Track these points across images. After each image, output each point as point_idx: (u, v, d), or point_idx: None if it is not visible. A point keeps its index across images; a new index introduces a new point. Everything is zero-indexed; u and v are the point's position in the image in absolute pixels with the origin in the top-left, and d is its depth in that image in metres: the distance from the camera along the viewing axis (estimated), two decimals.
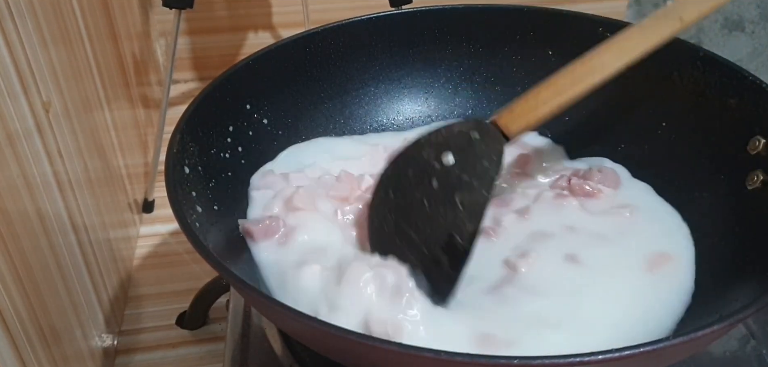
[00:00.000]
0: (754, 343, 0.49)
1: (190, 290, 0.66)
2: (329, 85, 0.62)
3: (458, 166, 0.47)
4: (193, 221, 0.44)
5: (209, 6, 0.99)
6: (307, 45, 0.60)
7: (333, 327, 0.35)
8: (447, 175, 0.47)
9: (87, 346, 0.56)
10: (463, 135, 0.48)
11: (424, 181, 0.47)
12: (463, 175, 0.46)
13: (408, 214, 0.47)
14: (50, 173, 0.51)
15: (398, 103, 0.65)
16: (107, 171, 0.67)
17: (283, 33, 1.03)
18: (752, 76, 0.51)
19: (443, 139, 0.48)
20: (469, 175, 0.46)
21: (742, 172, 0.50)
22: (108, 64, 0.70)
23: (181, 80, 1.06)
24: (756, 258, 0.45)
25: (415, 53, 0.65)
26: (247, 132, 0.56)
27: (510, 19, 0.63)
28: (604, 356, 0.32)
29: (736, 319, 0.35)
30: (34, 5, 0.51)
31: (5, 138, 0.44)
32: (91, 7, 0.66)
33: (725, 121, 0.52)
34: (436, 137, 0.48)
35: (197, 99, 0.51)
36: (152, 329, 0.68)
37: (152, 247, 0.77)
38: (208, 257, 0.39)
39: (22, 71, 0.47)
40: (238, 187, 0.54)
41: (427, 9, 0.63)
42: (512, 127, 0.47)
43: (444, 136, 0.48)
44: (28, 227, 0.46)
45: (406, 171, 0.49)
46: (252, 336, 0.51)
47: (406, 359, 0.34)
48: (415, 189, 0.48)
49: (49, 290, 0.48)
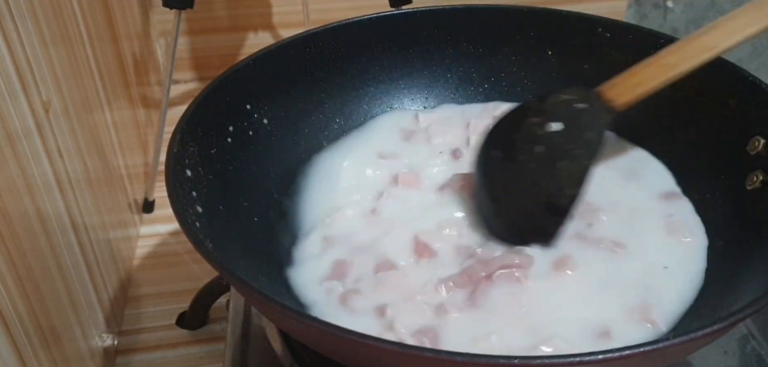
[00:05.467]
0: (754, 343, 0.49)
1: (190, 290, 0.66)
2: (329, 85, 0.62)
3: (563, 135, 0.49)
4: (193, 221, 0.44)
5: (209, 6, 0.99)
6: (307, 45, 0.60)
7: (333, 327, 0.35)
8: (552, 142, 0.49)
9: (87, 346, 0.56)
10: (568, 104, 0.50)
11: (529, 146, 0.50)
12: (568, 144, 0.49)
13: (511, 175, 0.50)
14: (50, 173, 0.51)
15: (398, 103, 0.65)
16: (107, 171, 0.67)
17: (283, 33, 1.03)
18: (752, 76, 0.51)
19: (551, 106, 0.50)
20: (574, 144, 0.49)
21: (742, 173, 0.50)
22: (108, 64, 0.70)
23: (181, 80, 1.06)
24: (756, 258, 0.45)
25: (415, 53, 0.65)
26: (247, 132, 0.56)
27: (510, 19, 0.63)
28: (604, 356, 0.32)
29: (736, 319, 0.35)
30: (34, 5, 0.51)
31: (5, 138, 0.44)
32: (91, 7, 0.66)
33: (725, 121, 0.52)
34: (542, 105, 0.50)
35: (197, 99, 0.51)
36: (152, 329, 0.68)
37: (152, 247, 0.77)
38: (208, 256, 0.39)
39: (22, 71, 0.48)
40: (239, 187, 0.54)
41: (427, 9, 0.63)
42: (620, 100, 0.49)
43: (551, 104, 0.50)
44: (28, 227, 0.46)
45: (512, 135, 0.51)
46: (252, 336, 0.51)
47: (407, 359, 0.34)
48: (520, 152, 0.50)
49: (49, 290, 0.48)
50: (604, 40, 0.59)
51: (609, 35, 0.59)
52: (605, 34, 0.59)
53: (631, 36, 0.58)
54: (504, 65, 0.65)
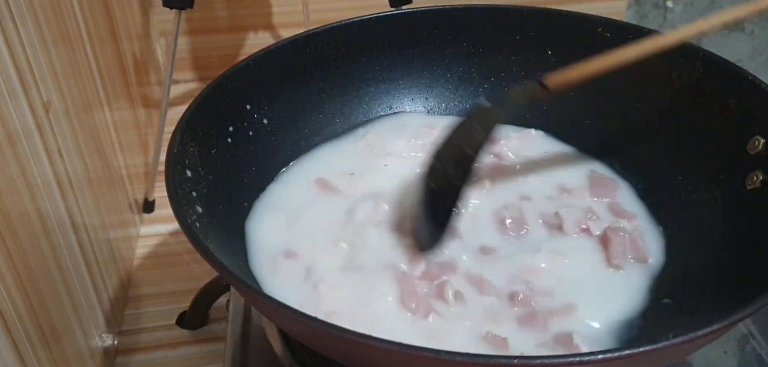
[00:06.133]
0: (754, 343, 0.49)
1: (190, 290, 0.66)
2: (329, 85, 0.62)
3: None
4: (193, 221, 0.44)
5: (209, 6, 0.99)
6: (307, 45, 0.60)
7: (333, 327, 0.35)
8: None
9: (87, 346, 0.56)
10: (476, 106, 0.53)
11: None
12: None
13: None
14: (50, 173, 0.51)
15: (398, 103, 0.65)
16: (107, 171, 0.67)
17: (283, 33, 1.03)
18: (752, 76, 0.51)
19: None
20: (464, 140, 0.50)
21: (742, 172, 0.50)
22: (108, 64, 0.70)
23: (181, 80, 1.06)
24: (755, 258, 0.45)
25: (415, 53, 0.65)
26: (247, 132, 0.56)
27: (510, 19, 0.63)
28: (604, 356, 0.32)
29: (736, 319, 0.35)
30: (34, 5, 0.51)
31: (5, 138, 0.44)
32: (91, 7, 0.66)
33: (725, 121, 0.52)
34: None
35: (197, 99, 0.51)
36: (152, 329, 0.68)
37: (152, 247, 0.77)
38: (208, 257, 0.39)
39: (22, 71, 0.48)
40: (238, 187, 0.54)
41: (427, 9, 0.63)
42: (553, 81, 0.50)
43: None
44: (28, 227, 0.46)
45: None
46: (252, 336, 0.51)
47: (406, 359, 0.34)
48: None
49: (49, 290, 0.48)
50: (604, 40, 0.59)
51: (609, 35, 0.59)
52: (605, 34, 0.59)
53: (631, 36, 0.58)
54: (504, 65, 0.65)
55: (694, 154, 0.54)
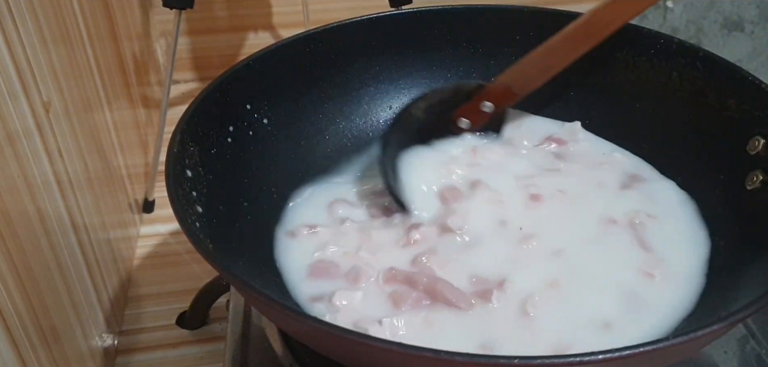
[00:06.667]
0: (754, 343, 0.49)
1: (190, 290, 0.67)
2: (329, 85, 0.62)
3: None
4: (193, 221, 0.44)
5: (209, 6, 0.99)
6: (307, 45, 0.60)
7: (333, 327, 0.35)
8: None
9: (87, 346, 0.56)
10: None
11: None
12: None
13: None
14: (50, 173, 0.51)
15: (398, 103, 0.65)
16: (107, 171, 0.67)
17: (283, 33, 1.03)
18: (752, 76, 0.51)
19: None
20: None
21: (742, 172, 0.50)
22: (108, 64, 0.70)
23: (181, 80, 1.06)
24: (756, 258, 0.45)
25: (415, 53, 0.64)
26: (247, 132, 0.56)
27: (510, 19, 0.63)
28: (604, 356, 0.32)
29: (736, 319, 0.35)
30: (34, 5, 0.51)
31: (5, 138, 0.44)
32: (92, 7, 0.66)
33: (725, 121, 0.52)
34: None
35: (197, 99, 0.51)
36: (152, 329, 0.68)
37: (152, 247, 0.77)
38: (208, 256, 0.39)
39: (22, 71, 0.48)
40: (238, 187, 0.54)
41: (427, 9, 0.63)
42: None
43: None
44: (28, 227, 0.46)
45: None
46: (252, 336, 0.51)
47: (406, 359, 0.34)
48: None
49: (49, 290, 0.48)
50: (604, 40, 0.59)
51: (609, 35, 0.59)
52: None
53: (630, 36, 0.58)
54: (504, 65, 0.64)
55: (694, 155, 0.54)
